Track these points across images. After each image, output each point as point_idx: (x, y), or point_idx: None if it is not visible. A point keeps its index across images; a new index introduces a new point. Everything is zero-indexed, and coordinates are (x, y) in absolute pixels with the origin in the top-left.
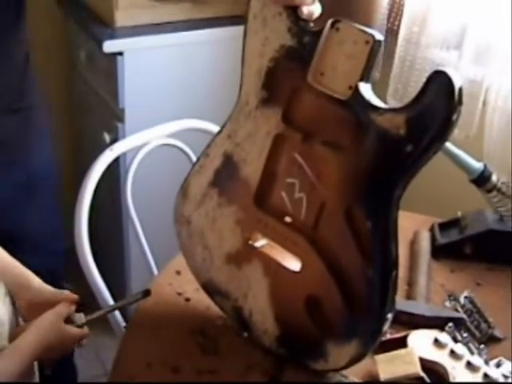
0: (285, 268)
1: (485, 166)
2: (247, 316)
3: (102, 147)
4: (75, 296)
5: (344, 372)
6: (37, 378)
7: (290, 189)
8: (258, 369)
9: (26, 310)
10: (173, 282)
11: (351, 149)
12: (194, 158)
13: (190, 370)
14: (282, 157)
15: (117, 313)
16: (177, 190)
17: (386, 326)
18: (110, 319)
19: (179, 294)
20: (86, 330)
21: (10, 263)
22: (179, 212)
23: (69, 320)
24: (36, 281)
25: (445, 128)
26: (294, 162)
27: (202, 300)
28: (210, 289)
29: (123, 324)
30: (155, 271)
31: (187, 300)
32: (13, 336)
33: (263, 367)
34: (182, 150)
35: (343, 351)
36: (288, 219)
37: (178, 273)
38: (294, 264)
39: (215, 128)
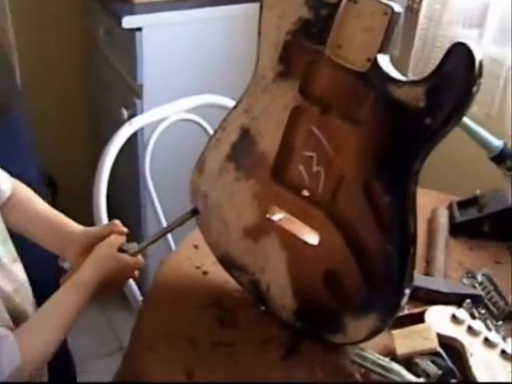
0: (302, 242)
1: (505, 144)
2: (264, 290)
3: (120, 123)
4: (124, 228)
5: (362, 345)
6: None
7: (308, 162)
8: (274, 342)
9: (78, 262)
10: (191, 255)
11: (369, 121)
12: (210, 130)
13: (206, 342)
14: (299, 130)
15: (134, 287)
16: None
17: (404, 301)
18: (128, 294)
19: (197, 267)
20: (140, 258)
21: (54, 221)
22: (195, 186)
23: (121, 250)
24: (78, 229)
25: (464, 100)
26: (312, 135)
27: (219, 273)
28: (226, 262)
29: (140, 298)
30: (173, 245)
31: (205, 273)
32: (68, 276)
33: (280, 340)
34: (200, 124)
35: (361, 325)
36: (306, 193)
37: (196, 247)
38: (311, 238)
39: (233, 103)
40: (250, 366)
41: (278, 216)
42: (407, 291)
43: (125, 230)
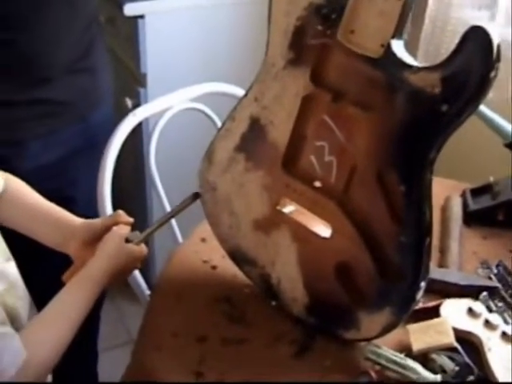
0: (314, 234)
1: None
2: (275, 284)
3: (124, 113)
4: (129, 218)
5: (376, 341)
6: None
7: (320, 152)
8: (286, 338)
9: (80, 256)
10: (198, 249)
11: (383, 109)
12: (219, 122)
13: (216, 339)
14: (310, 119)
15: (140, 280)
16: (201, 155)
17: (419, 295)
18: (134, 287)
19: (205, 261)
20: (144, 247)
21: (52, 214)
22: (204, 178)
23: (126, 240)
24: (78, 221)
25: (482, 86)
26: (324, 124)
27: (228, 268)
28: (236, 256)
29: (147, 292)
30: (180, 239)
31: (213, 268)
32: (72, 271)
33: (292, 336)
34: (206, 114)
35: (375, 320)
36: (317, 184)
37: (204, 240)
38: (323, 230)
39: (239, 91)
40: (261, 364)
41: (288, 208)
42: (423, 284)
43: (130, 219)
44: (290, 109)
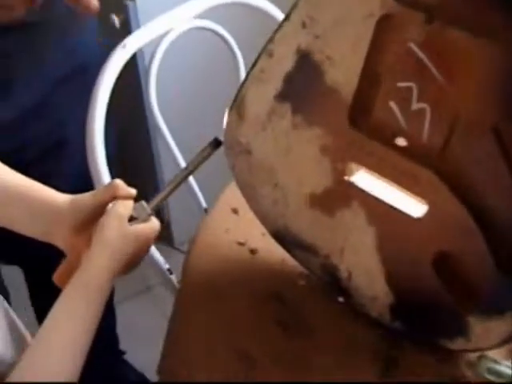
0: (401, 213)
1: None
2: (345, 277)
3: (111, 33)
4: (130, 189)
5: (491, 353)
6: None
7: (404, 97)
8: (363, 349)
9: (71, 246)
10: (229, 225)
11: (507, 33)
12: (235, 45)
13: (265, 354)
14: (390, 50)
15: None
16: (218, 91)
17: None
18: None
19: (241, 244)
20: (153, 220)
21: (27, 193)
22: (233, 137)
23: (130, 218)
24: (62, 200)
25: None
26: (411, 57)
27: (273, 250)
28: (285, 240)
29: (166, 266)
30: (204, 203)
31: (253, 252)
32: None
33: (371, 347)
34: (217, 33)
35: (491, 327)
36: (402, 142)
37: (235, 211)
38: (414, 207)
39: (265, 4)
40: None
41: (361, 177)
42: None
43: (132, 191)
44: (358, 37)
